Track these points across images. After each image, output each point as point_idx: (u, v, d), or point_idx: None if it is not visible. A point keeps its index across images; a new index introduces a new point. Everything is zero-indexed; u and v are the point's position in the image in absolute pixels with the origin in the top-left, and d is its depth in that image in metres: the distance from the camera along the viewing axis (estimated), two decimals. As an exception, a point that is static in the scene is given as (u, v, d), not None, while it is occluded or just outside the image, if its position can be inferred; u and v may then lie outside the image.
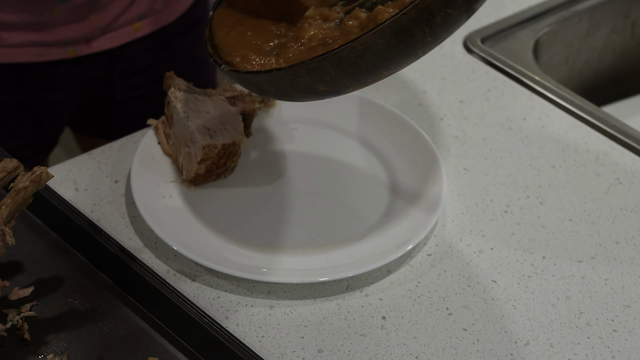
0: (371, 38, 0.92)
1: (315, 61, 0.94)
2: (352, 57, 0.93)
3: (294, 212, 1.17)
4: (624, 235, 1.18)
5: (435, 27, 0.93)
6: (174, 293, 1.04)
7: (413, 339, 1.06)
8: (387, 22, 0.92)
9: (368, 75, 0.96)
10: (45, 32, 1.32)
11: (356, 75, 0.96)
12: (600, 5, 1.55)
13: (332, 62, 0.94)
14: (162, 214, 1.14)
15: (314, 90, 0.97)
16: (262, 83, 1.00)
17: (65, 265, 1.10)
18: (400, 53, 0.95)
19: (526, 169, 1.26)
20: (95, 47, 1.36)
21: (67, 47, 1.34)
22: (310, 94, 0.98)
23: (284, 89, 0.99)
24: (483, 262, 1.14)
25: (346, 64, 0.94)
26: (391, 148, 1.25)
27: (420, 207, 1.16)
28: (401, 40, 0.93)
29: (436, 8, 0.92)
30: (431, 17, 0.92)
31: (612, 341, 1.07)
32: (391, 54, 0.94)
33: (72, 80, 1.39)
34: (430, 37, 0.94)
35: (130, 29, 1.38)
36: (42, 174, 1.03)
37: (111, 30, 1.36)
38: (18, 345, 1.02)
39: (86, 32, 1.34)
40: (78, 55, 1.36)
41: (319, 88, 0.97)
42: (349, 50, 0.93)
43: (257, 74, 0.99)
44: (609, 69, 1.64)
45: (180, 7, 1.42)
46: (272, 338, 1.05)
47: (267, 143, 1.25)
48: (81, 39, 1.34)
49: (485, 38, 1.45)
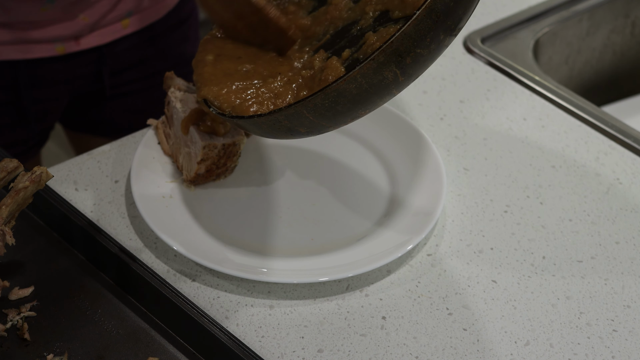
0: (342, 85, 0.94)
1: (292, 108, 0.97)
2: (327, 103, 0.96)
3: (294, 212, 1.17)
4: (624, 235, 1.18)
5: (407, 67, 0.94)
6: (174, 293, 1.04)
7: (413, 339, 1.06)
8: (357, 69, 0.93)
9: (345, 116, 0.98)
10: (33, 30, 1.32)
11: (333, 118, 0.98)
12: (600, 5, 1.55)
13: (308, 108, 0.96)
14: (162, 214, 1.14)
15: (296, 131, 1.00)
16: (247, 127, 1.04)
17: (65, 265, 1.10)
18: (374, 94, 0.96)
19: (526, 169, 1.26)
20: (83, 44, 1.36)
21: (56, 44, 1.34)
22: (294, 134, 1.01)
23: (268, 131, 1.02)
24: (483, 262, 1.14)
25: (322, 109, 0.96)
26: (391, 148, 1.25)
27: (420, 207, 1.16)
28: (373, 84, 0.94)
29: (405, 50, 0.93)
30: (400, 59, 0.93)
31: (612, 341, 1.07)
32: (365, 97, 0.96)
33: (60, 78, 1.39)
34: (402, 77, 0.95)
35: (119, 26, 1.38)
36: (42, 174, 1.03)
37: (99, 27, 1.36)
38: (18, 345, 1.02)
39: (74, 29, 1.34)
40: (66, 53, 1.36)
41: (300, 130, 1.00)
42: (323, 97, 0.95)
43: (241, 118, 1.03)
44: (609, 69, 1.64)
45: (167, 4, 1.42)
46: (272, 338, 1.05)
47: (267, 143, 1.25)
48: (69, 36, 1.35)
49: (485, 38, 1.45)
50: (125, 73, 1.44)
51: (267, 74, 1.07)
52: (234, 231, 1.15)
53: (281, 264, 1.11)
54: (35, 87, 1.38)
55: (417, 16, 0.92)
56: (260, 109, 1.03)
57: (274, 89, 1.05)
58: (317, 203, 1.19)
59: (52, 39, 1.34)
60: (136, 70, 1.45)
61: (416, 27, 0.92)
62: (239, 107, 1.04)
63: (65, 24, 1.33)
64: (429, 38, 0.93)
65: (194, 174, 1.17)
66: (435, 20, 0.92)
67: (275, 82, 1.05)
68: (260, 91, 1.05)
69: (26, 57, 1.34)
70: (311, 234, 1.15)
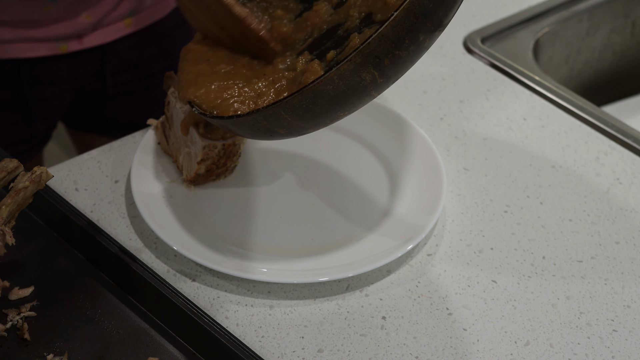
0: (319, 86, 0.93)
1: (270, 109, 0.96)
2: (305, 104, 0.95)
3: (294, 212, 1.17)
4: (624, 235, 1.18)
5: (385, 69, 0.93)
6: (174, 293, 1.04)
7: (413, 339, 1.06)
8: (333, 70, 0.92)
9: (324, 118, 0.98)
10: (36, 29, 1.32)
11: (312, 119, 0.97)
12: (600, 5, 1.55)
13: (286, 109, 0.96)
14: (162, 214, 1.14)
15: (276, 132, 1.00)
16: (228, 127, 1.03)
17: (65, 265, 1.10)
18: (352, 96, 0.95)
19: (526, 169, 1.26)
20: (86, 42, 1.37)
21: (58, 42, 1.35)
22: (274, 135, 1.01)
23: (248, 132, 1.02)
24: (483, 262, 1.14)
25: (299, 110, 0.95)
26: (391, 148, 1.25)
27: (420, 207, 1.16)
28: (350, 86, 0.94)
29: (382, 52, 0.92)
30: (378, 61, 0.92)
31: (612, 341, 1.07)
32: (343, 98, 0.95)
33: (63, 76, 1.39)
34: (381, 79, 0.94)
35: (121, 24, 1.38)
36: (42, 174, 1.03)
37: (102, 26, 1.37)
38: (18, 345, 1.02)
39: (77, 28, 1.34)
40: (69, 51, 1.36)
41: (279, 131, 0.99)
42: (300, 98, 0.94)
43: (222, 118, 1.02)
44: (609, 69, 1.64)
45: (170, 3, 1.43)
46: (272, 338, 1.05)
47: (267, 143, 1.25)
48: (72, 35, 1.35)
49: (485, 38, 1.45)
50: (127, 72, 1.44)
51: (251, 74, 1.07)
52: (234, 231, 1.15)
53: (281, 264, 1.11)
54: (38, 85, 1.38)
55: (395, 17, 0.90)
56: (241, 107, 1.03)
57: (257, 89, 1.05)
58: (317, 203, 1.19)
59: (55, 37, 1.34)
60: (139, 69, 1.45)
61: (394, 29, 0.91)
62: (219, 107, 1.04)
63: (68, 22, 1.33)
64: (408, 40, 0.92)
65: (194, 174, 1.17)
66: (414, 21, 0.91)
67: (260, 83, 1.05)
68: (243, 90, 1.04)
69: (29, 56, 1.34)
70: (311, 234, 1.15)
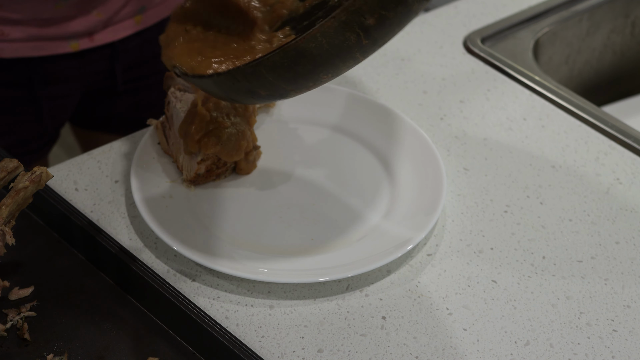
0: (301, 43, 0.91)
1: (250, 66, 0.94)
2: (287, 63, 0.92)
3: (294, 212, 1.17)
4: (624, 235, 1.18)
5: (371, 29, 0.91)
6: (174, 293, 1.04)
7: (413, 339, 1.06)
8: (317, 27, 0.90)
9: (307, 79, 0.95)
10: (47, 27, 1.32)
11: (294, 80, 0.95)
12: (600, 5, 1.55)
13: (267, 68, 0.93)
14: (162, 214, 1.14)
15: (257, 94, 0.97)
16: (208, 88, 1.01)
17: (65, 265, 1.10)
18: (336, 57, 0.93)
19: (526, 169, 1.26)
20: (97, 40, 1.37)
21: (70, 41, 1.35)
22: (255, 97, 0.98)
23: (228, 92, 0.99)
24: (483, 262, 1.14)
25: (281, 69, 0.93)
26: (391, 148, 1.25)
27: (420, 207, 1.16)
28: (334, 45, 0.91)
29: (368, 10, 0.89)
30: (364, 20, 0.90)
31: (612, 341, 1.07)
32: (326, 58, 0.92)
33: (74, 75, 1.40)
34: (366, 40, 0.92)
35: (131, 21, 1.39)
36: (42, 174, 1.03)
37: (113, 23, 1.37)
38: (18, 345, 1.02)
39: (88, 26, 1.34)
40: (80, 49, 1.36)
41: (260, 92, 0.97)
42: (282, 55, 0.92)
43: (201, 78, 1.00)
44: (609, 69, 1.64)
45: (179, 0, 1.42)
46: (272, 338, 1.05)
47: (266, 143, 1.25)
48: (83, 32, 1.35)
49: (485, 38, 1.45)
50: (137, 69, 1.45)
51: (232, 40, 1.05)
52: (234, 231, 1.14)
53: (281, 264, 1.11)
54: (50, 84, 1.38)
55: None
56: (219, 67, 1.00)
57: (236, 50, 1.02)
58: (317, 203, 1.19)
59: (66, 35, 1.34)
60: (149, 65, 1.45)
61: None
62: (198, 67, 1.01)
63: (79, 20, 1.33)
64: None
65: (194, 174, 1.17)
66: None
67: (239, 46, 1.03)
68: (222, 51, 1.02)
69: (40, 55, 1.34)
70: (311, 234, 1.15)
